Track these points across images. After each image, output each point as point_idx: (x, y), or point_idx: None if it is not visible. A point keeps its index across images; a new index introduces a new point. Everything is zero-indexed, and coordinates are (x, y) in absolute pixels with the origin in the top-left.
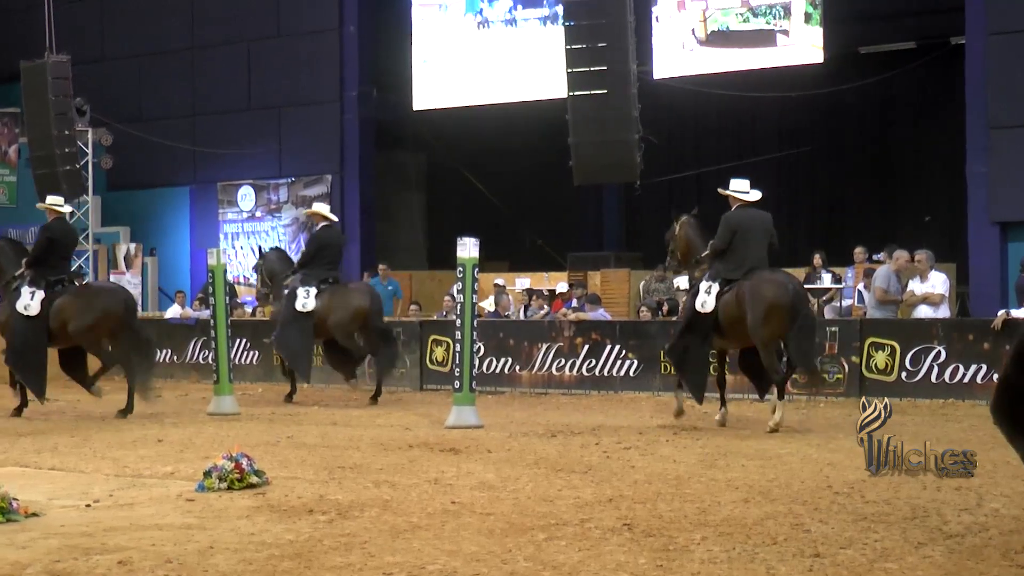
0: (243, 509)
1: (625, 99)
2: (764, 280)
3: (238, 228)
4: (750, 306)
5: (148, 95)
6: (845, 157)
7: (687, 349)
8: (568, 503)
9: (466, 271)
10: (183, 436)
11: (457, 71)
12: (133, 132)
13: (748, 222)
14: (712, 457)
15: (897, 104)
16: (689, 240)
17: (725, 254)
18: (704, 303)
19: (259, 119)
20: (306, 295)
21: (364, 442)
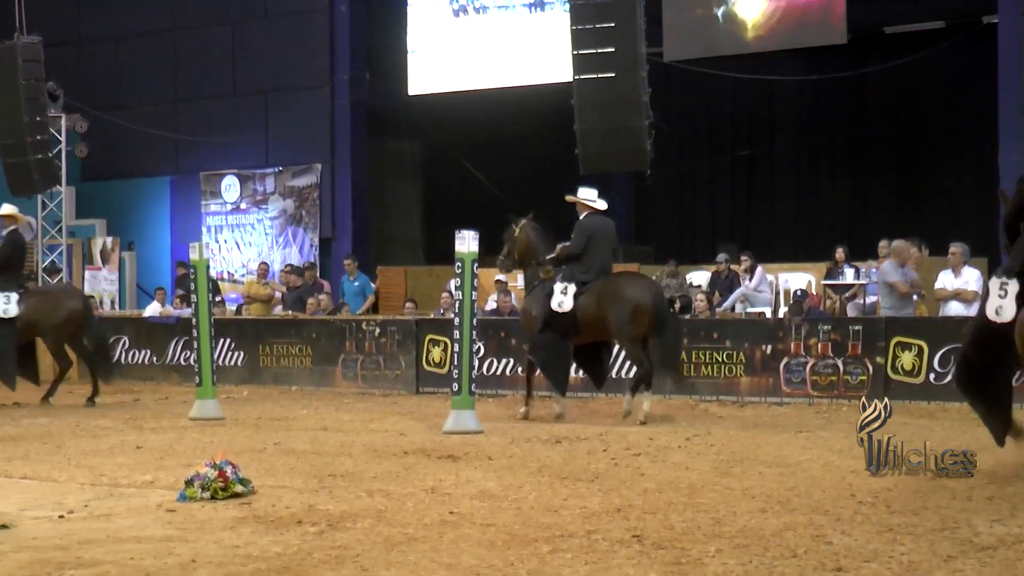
0: (227, 520)
1: (634, 83)
2: (627, 282)
3: (222, 221)
4: (614, 306)
5: (126, 79)
6: (869, 144)
7: (548, 347)
8: (574, 513)
9: (465, 266)
10: (163, 442)
11: (455, 53)
12: (110, 119)
13: (600, 228)
14: (727, 464)
15: (924, 87)
16: (529, 242)
17: (579, 257)
18: (561, 303)
19: (244, 105)
20: (6, 301)
21: (356, 448)
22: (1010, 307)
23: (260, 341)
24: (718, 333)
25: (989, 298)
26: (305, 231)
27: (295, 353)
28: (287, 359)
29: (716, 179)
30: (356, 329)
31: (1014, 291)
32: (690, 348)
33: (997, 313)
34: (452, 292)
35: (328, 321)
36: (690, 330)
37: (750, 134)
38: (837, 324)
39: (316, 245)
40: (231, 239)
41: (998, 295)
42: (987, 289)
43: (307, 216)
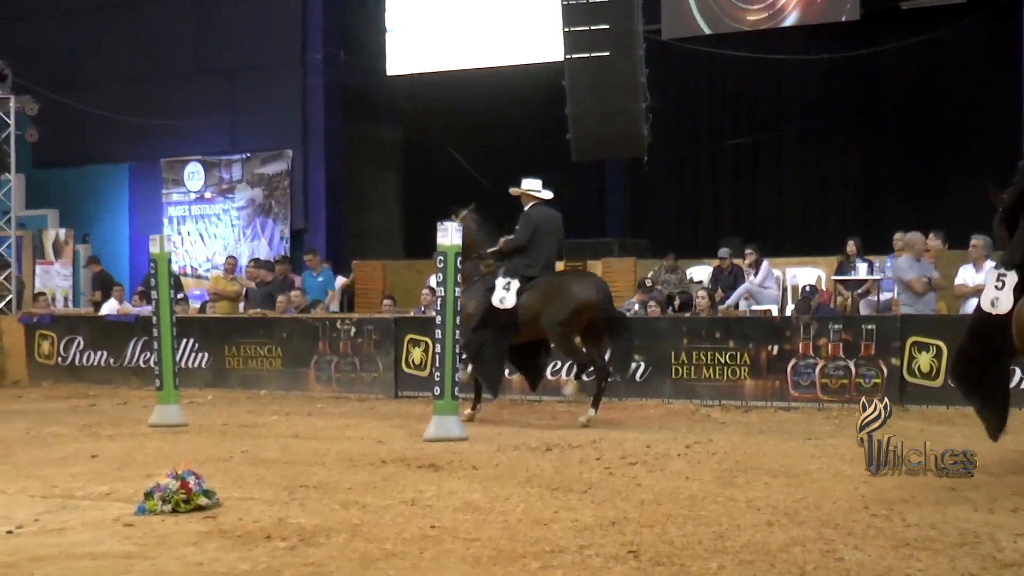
0: (191, 535)
1: (631, 62)
2: (572, 279)
3: (185, 211)
4: (557, 303)
5: (81, 58)
6: (883, 129)
7: (483, 345)
8: (565, 527)
9: (447, 260)
10: (121, 451)
11: (438, 31)
12: (63, 100)
13: (546, 220)
14: (730, 474)
15: (943, 68)
16: (470, 234)
17: (524, 250)
18: (503, 299)
19: (209, 86)
20: None
21: (330, 457)
22: (1007, 298)
23: (226, 341)
24: (720, 333)
25: (985, 289)
26: (275, 223)
27: (264, 354)
28: (255, 361)
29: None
30: (330, 328)
31: (1012, 283)
32: (691, 349)
33: (993, 304)
34: (434, 288)
35: (300, 320)
36: (690, 329)
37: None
38: (849, 323)
39: (287, 238)
40: (195, 231)
41: (995, 286)
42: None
43: (277, 206)
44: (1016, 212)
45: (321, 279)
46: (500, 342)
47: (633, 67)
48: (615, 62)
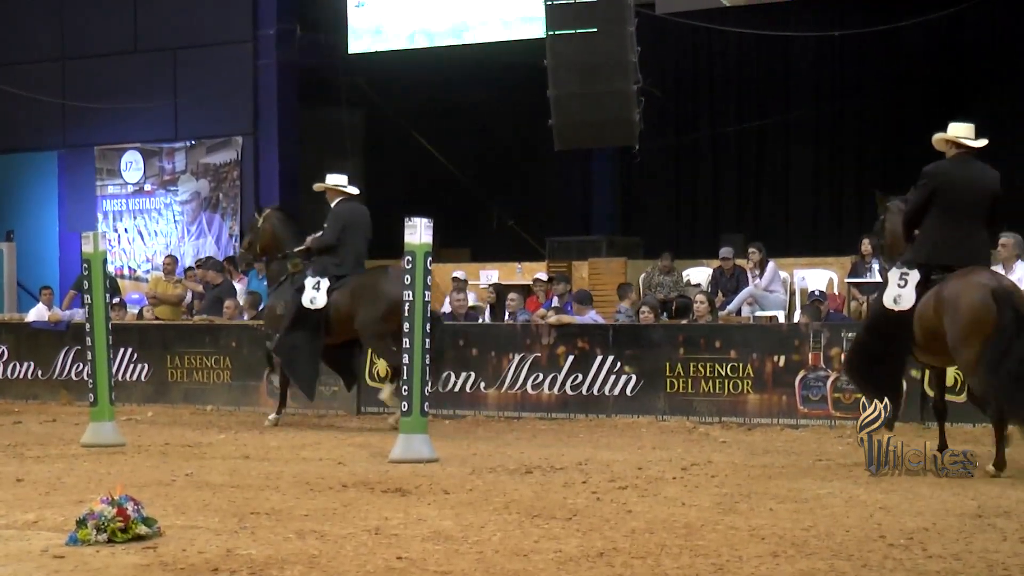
0: (128, 568)
1: (620, 40)
2: (384, 277)
3: (121, 205)
4: (369, 302)
5: (4, 33)
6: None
7: (295, 347)
8: (547, 558)
9: (416, 260)
10: (50, 474)
11: (404, 4)
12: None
13: (355, 216)
14: (731, 499)
15: (970, 45)
16: (274, 233)
17: (333, 249)
18: (313, 299)
19: (149, 64)
20: None
21: (285, 480)
22: (909, 296)
23: (168, 351)
24: (721, 341)
25: (888, 287)
26: (223, 218)
27: (211, 365)
28: (201, 373)
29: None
30: None
31: (914, 281)
32: (687, 360)
33: (896, 302)
34: None
35: (250, 327)
36: (687, 338)
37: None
38: None
39: (236, 235)
40: (132, 227)
41: (898, 284)
42: (886, 278)
43: (225, 200)
44: (920, 216)
45: None
46: (313, 343)
47: (623, 44)
48: (603, 39)
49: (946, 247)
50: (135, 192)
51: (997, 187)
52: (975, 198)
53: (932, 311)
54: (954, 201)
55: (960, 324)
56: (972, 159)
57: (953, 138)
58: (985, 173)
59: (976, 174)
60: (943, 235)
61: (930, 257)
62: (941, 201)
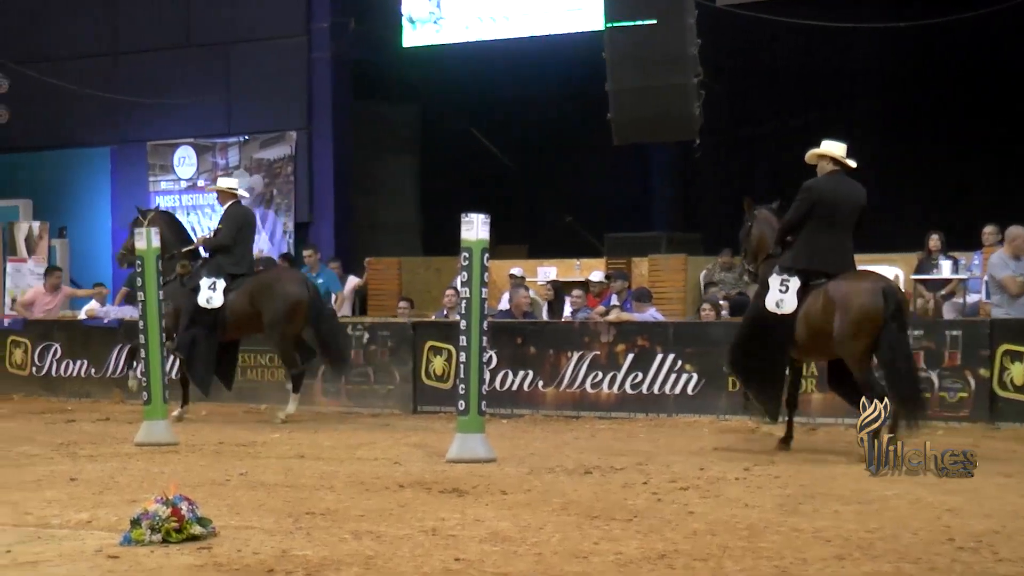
0: (182, 568)
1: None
2: (281, 277)
3: (175, 201)
4: (270, 302)
5: (56, 28)
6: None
7: (193, 345)
8: (607, 560)
9: (473, 257)
10: (103, 473)
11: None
12: (35, 76)
13: (248, 219)
14: (794, 500)
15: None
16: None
17: (228, 249)
18: (210, 299)
19: (201, 59)
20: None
21: (340, 480)
22: (791, 300)
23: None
24: None
25: (770, 292)
26: (277, 214)
27: (264, 364)
28: (255, 371)
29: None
30: None
31: (795, 287)
32: None
33: (778, 306)
34: (457, 289)
35: None
36: None
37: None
38: (931, 329)
39: (290, 232)
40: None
41: (779, 290)
42: (767, 283)
43: (279, 196)
44: (799, 226)
45: (322, 280)
46: (209, 341)
47: (683, 37)
48: (662, 31)
49: (823, 255)
50: (188, 188)
51: (865, 202)
52: (847, 211)
53: (820, 311)
54: (830, 214)
55: (851, 319)
56: (844, 176)
57: (830, 153)
58: (855, 189)
59: (849, 190)
60: (820, 244)
61: (809, 264)
62: (819, 213)
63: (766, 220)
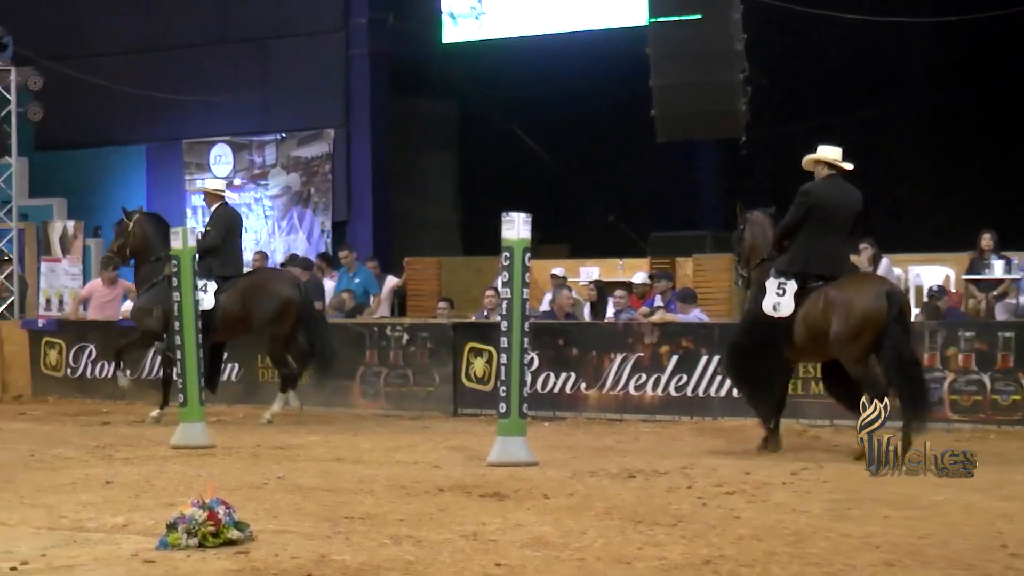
0: (219, 573)
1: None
2: (271, 277)
3: None
4: (259, 302)
5: (90, 23)
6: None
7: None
8: (651, 566)
9: (514, 257)
10: (139, 476)
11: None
12: (70, 73)
13: (236, 220)
14: (843, 506)
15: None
16: (146, 236)
17: (217, 251)
18: (201, 300)
19: (238, 55)
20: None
21: (379, 484)
22: (788, 304)
23: (259, 350)
24: None
25: (767, 296)
26: (314, 213)
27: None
28: None
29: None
30: (378, 335)
31: (792, 290)
32: None
33: (775, 309)
34: (498, 289)
35: (344, 326)
36: None
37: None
38: (983, 330)
39: (328, 231)
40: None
41: (776, 293)
42: (764, 288)
43: (317, 195)
44: (796, 230)
45: (358, 280)
46: (204, 343)
47: (728, 32)
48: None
49: (820, 258)
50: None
51: (861, 206)
52: (844, 215)
53: (820, 313)
54: (827, 218)
55: (853, 322)
56: (841, 180)
57: (826, 158)
58: (852, 193)
59: (846, 194)
60: (817, 248)
61: (807, 267)
62: (816, 217)
63: (759, 224)
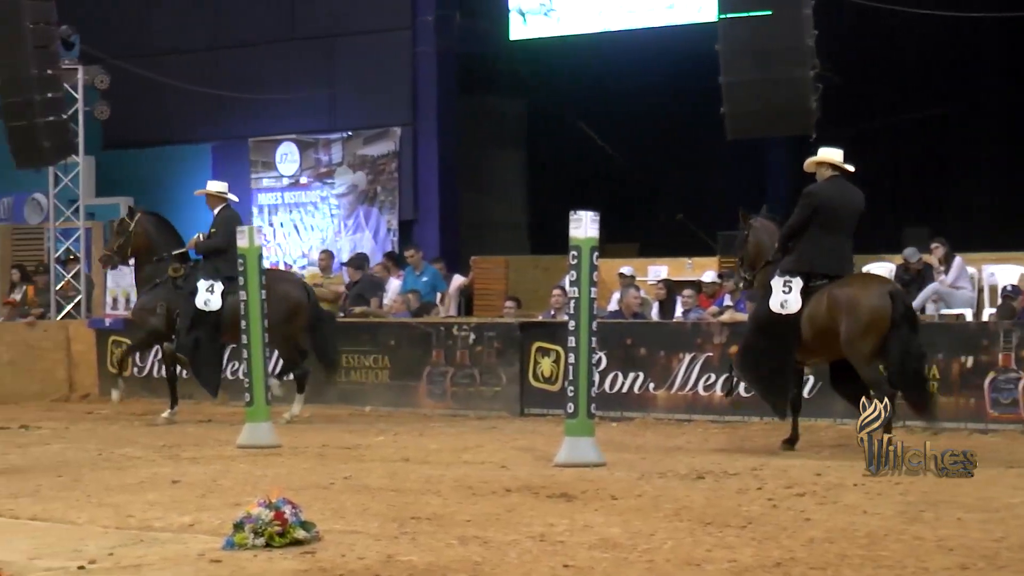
0: (286, 573)
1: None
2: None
3: (277, 199)
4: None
5: (157, 22)
6: None
7: (197, 348)
8: (721, 568)
9: (582, 256)
10: (206, 475)
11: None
12: (137, 71)
13: (240, 222)
14: (916, 508)
15: None
16: (147, 237)
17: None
18: (208, 301)
19: (304, 53)
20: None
21: (446, 484)
22: (794, 301)
23: None
24: None
25: (773, 294)
26: (381, 212)
27: (369, 365)
28: (359, 372)
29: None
30: (445, 335)
31: (798, 288)
32: None
33: (782, 306)
34: (566, 288)
35: (410, 325)
36: None
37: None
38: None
39: (394, 230)
40: (288, 222)
41: (783, 291)
42: (770, 286)
43: (383, 193)
44: (801, 231)
45: (425, 279)
46: (213, 344)
47: (799, 28)
48: (778, 22)
49: (825, 257)
50: (290, 185)
51: (863, 206)
52: (848, 215)
53: (825, 311)
54: (831, 218)
55: (861, 322)
56: (844, 180)
57: (829, 160)
58: (855, 194)
59: (849, 194)
60: (822, 247)
61: (812, 266)
62: (821, 218)
63: (763, 228)
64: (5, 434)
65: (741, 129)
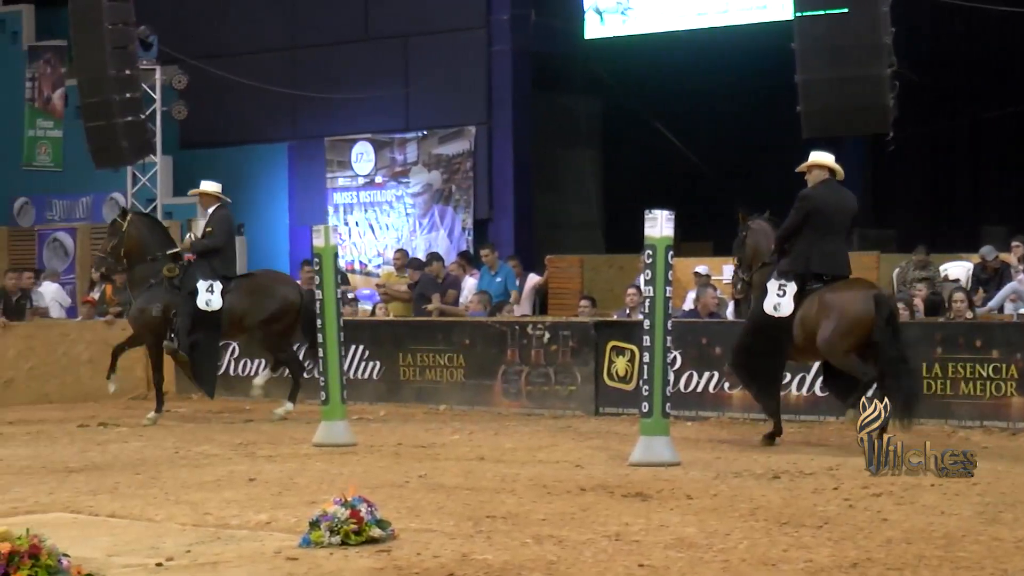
0: (362, 571)
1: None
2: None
3: (352, 198)
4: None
5: (234, 23)
6: None
7: (196, 348)
8: (797, 568)
9: (657, 255)
10: (282, 474)
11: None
12: (214, 72)
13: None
14: (995, 508)
15: None
16: (140, 238)
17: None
18: (209, 301)
19: (379, 53)
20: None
21: (521, 483)
22: (788, 304)
23: (400, 349)
24: (982, 340)
25: (768, 296)
26: (456, 211)
27: (444, 364)
28: (434, 371)
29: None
30: (520, 334)
31: (792, 291)
32: (945, 360)
33: (776, 309)
34: (640, 287)
35: (485, 324)
36: (945, 337)
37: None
38: None
39: (469, 228)
40: (363, 221)
41: (777, 294)
42: (766, 288)
43: (458, 192)
44: (795, 233)
45: (500, 278)
46: (213, 344)
47: (876, 25)
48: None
49: (819, 259)
50: (366, 184)
51: (856, 208)
52: (841, 218)
53: (815, 313)
54: (826, 220)
55: (843, 324)
56: (836, 183)
57: (821, 163)
58: (848, 196)
59: (842, 197)
60: (816, 249)
61: (807, 268)
62: (815, 221)
63: (761, 230)
64: (84, 432)
65: (817, 127)
